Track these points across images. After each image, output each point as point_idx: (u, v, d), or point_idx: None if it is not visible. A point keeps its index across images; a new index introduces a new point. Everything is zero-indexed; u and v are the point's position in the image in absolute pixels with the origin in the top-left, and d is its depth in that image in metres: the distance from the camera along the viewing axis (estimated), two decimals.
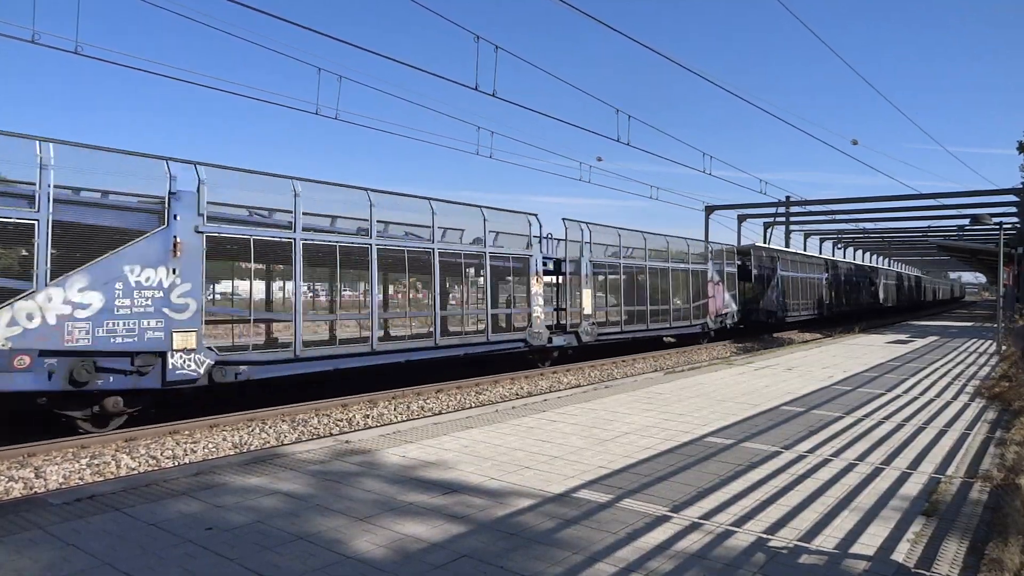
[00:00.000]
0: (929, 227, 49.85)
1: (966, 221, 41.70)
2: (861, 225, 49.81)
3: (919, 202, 38.87)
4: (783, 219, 46.13)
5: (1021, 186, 34.72)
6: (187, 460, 9.37)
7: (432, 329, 15.09)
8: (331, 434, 10.97)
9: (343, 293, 20.87)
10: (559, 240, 19.62)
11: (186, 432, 10.63)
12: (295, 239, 12.52)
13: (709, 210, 43.11)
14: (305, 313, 15.00)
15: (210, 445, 10.07)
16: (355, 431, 10.83)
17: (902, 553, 4.43)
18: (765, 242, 42.49)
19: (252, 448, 10.13)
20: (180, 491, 5.78)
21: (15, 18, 19.74)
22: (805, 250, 48.13)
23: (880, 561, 4.29)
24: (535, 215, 17.85)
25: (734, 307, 28.63)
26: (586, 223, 19.96)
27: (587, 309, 19.51)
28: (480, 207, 16.57)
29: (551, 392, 13.55)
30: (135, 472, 8.77)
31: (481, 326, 16.62)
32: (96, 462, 8.98)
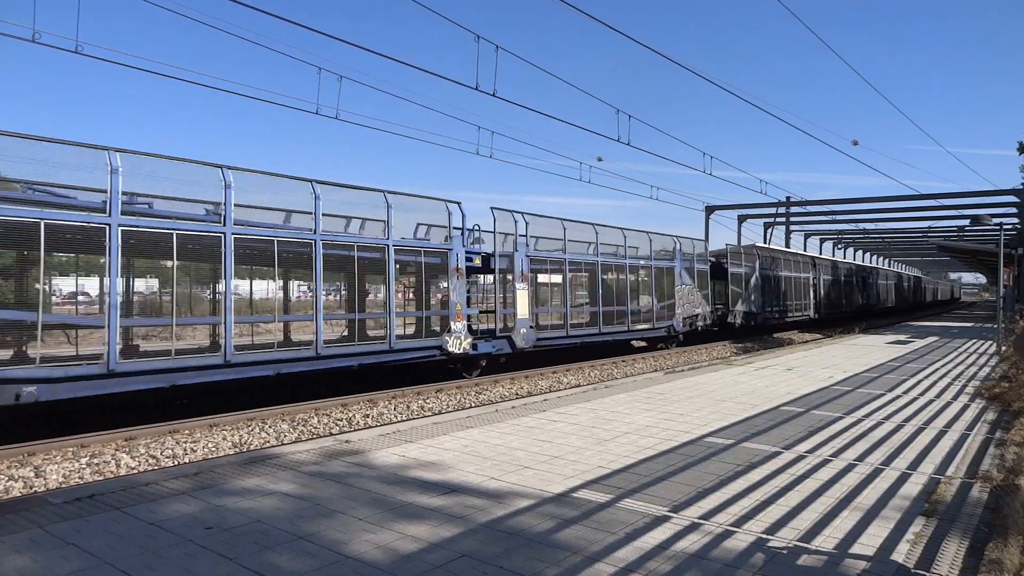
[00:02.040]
0: (929, 227, 49.83)
1: (966, 221, 41.74)
2: (861, 225, 49.81)
3: (919, 202, 38.85)
4: (783, 219, 46.11)
5: (1021, 186, 34.71)
6: (187, 460, 9.38)
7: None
8: (331, 434, 10.97)
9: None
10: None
11: (186, 432, 10.63)
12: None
13: (709, 210, 43.09)
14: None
15: (210, 445, 10.08)
16: (355, 431, 10.84)
17: (902, 553, 4.43)
18: (765, 242, 42.47)
19: (252, 448, 10.13)
20: (180, 491, 5.78)
21: (15, 17, 19.73)
22: (805, 250, 48.08)
23: (880, 561, 4.29)
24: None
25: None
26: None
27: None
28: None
29: (551, 392, 13.55)
30: (135, 471, 8.77)
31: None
32: (96, 461, 8.98)
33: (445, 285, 16.25)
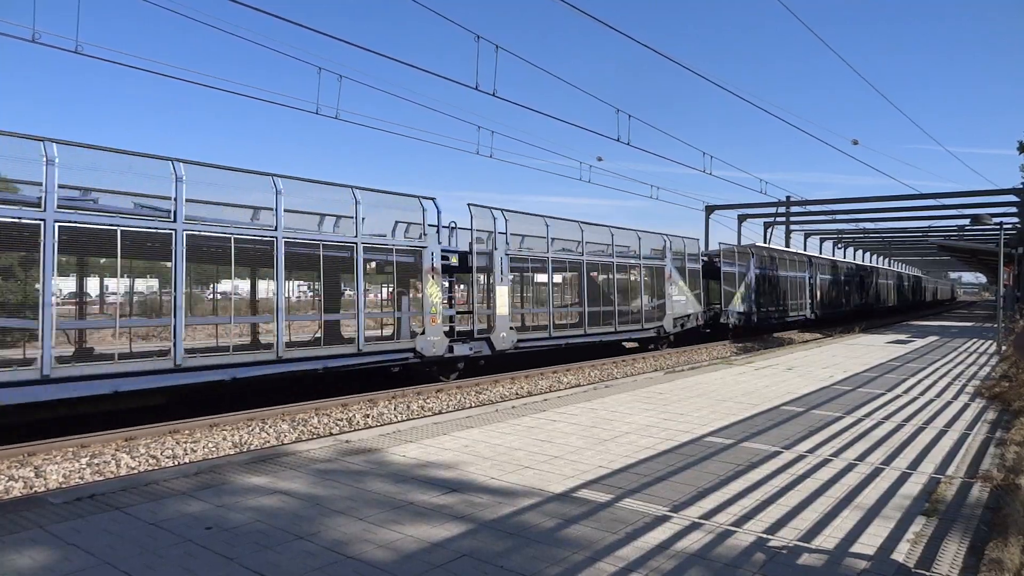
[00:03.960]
0: (929, 227, 49.85)
1: (966, 221, 41.72)
2: (861, 225, 49.82)
3: (919, 202, 38.89)
4: (783, 219, 46.12)
5: (1021, 186, 34.71)
6: (187, 459, 9.38)
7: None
8: (331, 433, 10.97)
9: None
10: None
11: (186, 432, 10.63)
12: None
13: (709, 210, 43.11)
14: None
15: (210, 444, 10.08)
16: (355, 431, 10.84)
17: (902, 553, 4.43)
18: (766, 242, 42.45)
19: (252, 447, 10.13)
20: (180, 490, 5.78)
21: (15, 17, 19.73)
22: (805, 249, 48.04)
23: (880, 561, 4.29)
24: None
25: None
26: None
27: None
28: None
29: (551, 392, 13.55)
30: (135, 471, 8.77)
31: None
32: (96, 461, 8.98)
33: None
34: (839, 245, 62.09)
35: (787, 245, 44.52)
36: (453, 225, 17.08)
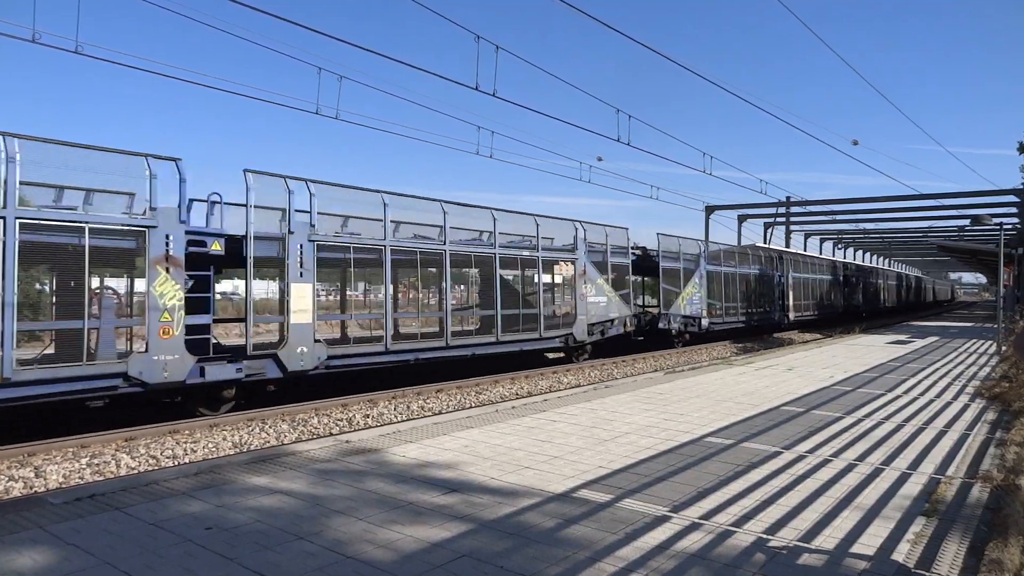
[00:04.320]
0: (929, 227, 49.84)
1: (966, 221, 41.70)
2: (861, 225, 49.80)
3: (919, 202, 38.84)
4: (783, 219, 46.11)
5: (1021, 186, 34.71)
6: (187, 460, 9.38)
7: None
8: (331, 434, 10.97)
9: None
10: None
11: (186, 432, 10.63)
12: None
13: (709, 210, 43.11)
14: None
15: (210, 445, 10.08)
16: (355, 431, 10.84)
17: (902, 553, 4.43)
18: (765, 242, 42.42)
19: (252, 447, 10.13)
20: (180, 491, 5.78)
21: (15, 17, 19.72)
22: (805, 250, 48.00)
23: (880, 561, 4.29)
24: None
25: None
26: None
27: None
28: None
29: (551, 392, 13.55)
30: (135, 472, 8.77)
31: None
32: (96, 461, 8.98)
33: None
34: (839, 245, 62.10)
35: (787, 245, 44.50)
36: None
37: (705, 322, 25.65)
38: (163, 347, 10.66)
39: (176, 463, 9.18)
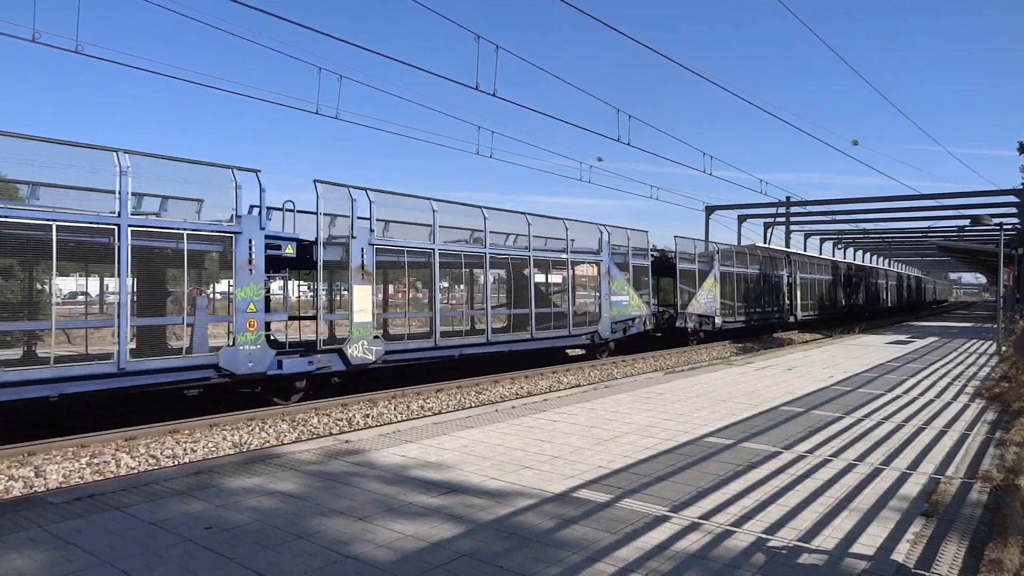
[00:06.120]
0: (929, 227, 49.88)
1: (966, 222, 41.76)
2: (861, 225, 49.82)
3: (919, 202, 38.90)
4: (783, 219, 46.13)
5: (1021, 186, 34.71)
6: (187, 459, 9.38)
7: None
8: (331, 434, 10.97)
9: None
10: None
11: (186, 431, 10.63)
12: None
13: (709, 210, 43.14)
14: None
15: (210, 444, 10.08)
16: (355, 431, 10.84)
17: (902, 553, 4.43)
18: (765, 242, 42.43)
19: (252, 447, 10.13)
20: (180, 490, 5.78)
21: (15, 17, 19.74)
22: (805, 250, 47.99)
23: (880, 561, 4.29)
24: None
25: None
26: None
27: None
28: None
29: (551, 392, 13.55)
30: (135, 471, 8.77)
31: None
32: (96, 461, 8.98)
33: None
34: (839, 246, 62.14)
35: (787, 245, 44.50)
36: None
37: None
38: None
39: (176, 463, 9.18)
